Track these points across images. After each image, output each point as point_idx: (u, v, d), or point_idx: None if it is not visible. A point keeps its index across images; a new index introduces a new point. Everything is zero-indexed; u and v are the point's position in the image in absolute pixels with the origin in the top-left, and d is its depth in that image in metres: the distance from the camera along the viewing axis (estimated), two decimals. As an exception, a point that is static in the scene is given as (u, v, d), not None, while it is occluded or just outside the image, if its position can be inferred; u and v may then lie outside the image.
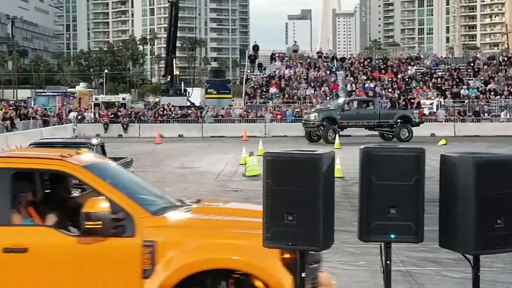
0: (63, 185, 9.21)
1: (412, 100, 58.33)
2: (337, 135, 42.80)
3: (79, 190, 9.53)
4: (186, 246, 7.48)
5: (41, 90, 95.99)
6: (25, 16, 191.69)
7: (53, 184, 9.20)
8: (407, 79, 63.78)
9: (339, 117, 45.18)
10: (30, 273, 7.68)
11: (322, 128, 44.75)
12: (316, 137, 45.81)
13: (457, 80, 63.19)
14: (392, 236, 6.62)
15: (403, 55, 75.01)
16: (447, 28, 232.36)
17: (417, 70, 65.85)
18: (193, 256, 7.45)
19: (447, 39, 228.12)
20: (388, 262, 6.75)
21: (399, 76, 64.27)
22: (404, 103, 57.20)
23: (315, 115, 45.43)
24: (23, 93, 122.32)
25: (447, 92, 60.65)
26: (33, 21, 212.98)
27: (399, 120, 46.07)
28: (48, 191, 9.20)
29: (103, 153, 20.08)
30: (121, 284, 7.60)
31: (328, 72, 65.24)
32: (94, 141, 20.97)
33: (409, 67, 66.36)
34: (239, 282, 7.53)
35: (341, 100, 50.78)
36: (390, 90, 61.52)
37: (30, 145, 20.40)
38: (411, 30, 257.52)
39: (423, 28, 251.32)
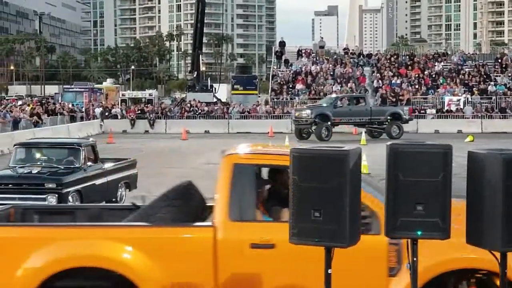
0: (283, 180, 9.26)
1: (401, 97, 57.79)
2: (363, 134, 42.61)
3: None
4: (431, 246, 7.27)
5: (69, 86, 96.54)
6: (53, 12, 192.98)
7: (273, 179, 9.23)
8: (434, 76, 63.46)
9: (332, 114, 43.76)
10: (277, 269, 7.78)
11: (315, 125, 43.45)
12: (306, 134, 44.68)
13: (485, 76, 62.77)
14: (419, 232, 6.60)
15: (430, 51, 74.69)
16: (475, 24, 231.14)
17: (444, 67, 65.51)
18: (440, 256, 7.47)
19: (475, 35, 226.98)
20: (415, 258, 6.74)
21: (426, 72, 63.96)
22: (394, 99, 56.64)
23: (308, 112, 43.93)
24: (51, 89, 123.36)
25: (474, 89, 60.27)
26: (60, 17, 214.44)
27: (389, 117, 44.57)
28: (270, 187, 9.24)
29: (95, 155, 19.29)
30: (368, 281, 7.70)
31: (354, 68, 65.04)
32: (84, 141, 20.03)
33: (436, 64, 66.02)
34: (481, 282, 7.53)
35: (333, 96, 49.32)
36: (416, 86, 61.26)
37: (14, 145, 19.80)
38: (438, 26, 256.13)
39: (450, 24, 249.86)
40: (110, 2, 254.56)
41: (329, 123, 43.35)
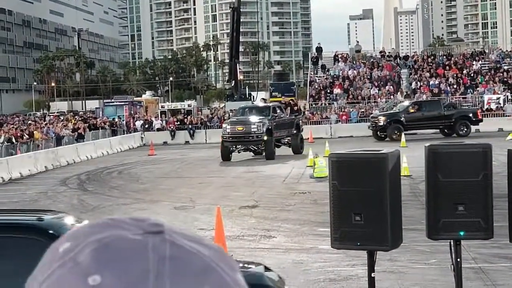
0: None
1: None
2: (403, 136, 42.28)
3: None
4: None
5: (109, 100, 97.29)
6: (91, 28, 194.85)
7: None
8: (472, 75, 62.94)
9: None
10: None
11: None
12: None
13: (524, 73, 62.17)
14: (461, 233, 6.59)
15: (467, 51, 74.10)
16: (511, 21, 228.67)
17: (482, 65, 64.93)
18: None
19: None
20: (458, 259, 6.72)
21: (464, 72, 63.47)
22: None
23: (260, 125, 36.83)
24: (92, 104, 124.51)
25: (514, 86, 59.69)
26: (98, 32, 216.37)
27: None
28: None
29: None
30: None
31: (391, 71, 64.75)
32: None
33: (474, 62, 65.48)
34: None
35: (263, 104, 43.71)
36: (455, 86, 60.81)
37: None
38: (474, 25, 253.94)
39: (487, 22, 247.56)
40: (146, 15, 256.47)
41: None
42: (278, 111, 39.91)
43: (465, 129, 46.14)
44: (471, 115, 47.49)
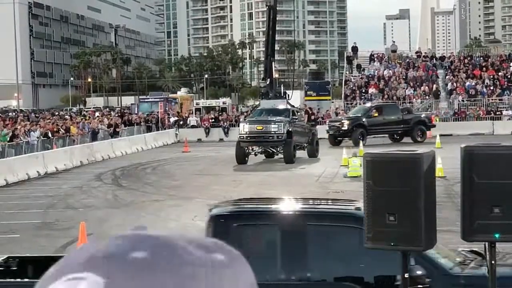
0: None
1: None
2: (438, 137, 42.00)
3: None
4: None
5: (144, 97, 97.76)
6: (128, 25, 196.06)
7: None
8: (509, 76, 62.33)
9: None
10: None
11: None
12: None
13: (563, 75, 61.41)
14: (497, 235, 6.53)
15: (505, 52, 73.33)
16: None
17: (519, 67, 64.28)
18: None
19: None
20: (493, 262, 6.67)
21: (500, 73, 62.86)
22: None
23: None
24: (127, 100, 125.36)
25: (552, 88, 59.04)
26: (135, 29, 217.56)
27: None
28: None
29: None
30: None
31: (427, 71, 64.33)
32: None
33: (511, 64, 64.82)
34: None
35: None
36: (492, 87, 60.28)
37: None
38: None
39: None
40: (183, 12, 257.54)
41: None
42: (298, 113, 39.36)
43: (421, 135, 44.96)
44: (426, 120, 46.51)
